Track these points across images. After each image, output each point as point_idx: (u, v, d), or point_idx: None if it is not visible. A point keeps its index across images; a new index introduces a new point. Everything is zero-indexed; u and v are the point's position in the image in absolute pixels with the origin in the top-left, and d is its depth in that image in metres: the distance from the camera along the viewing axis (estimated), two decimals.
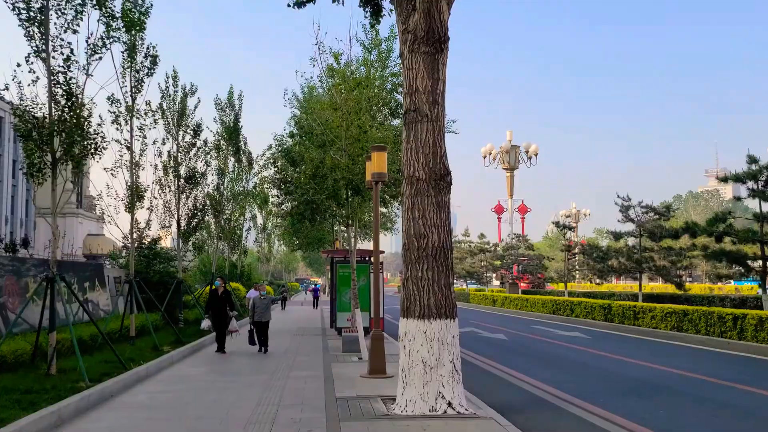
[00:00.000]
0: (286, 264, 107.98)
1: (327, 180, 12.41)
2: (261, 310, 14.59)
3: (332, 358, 13.25)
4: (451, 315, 7.28)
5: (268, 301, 14.76)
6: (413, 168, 7.37)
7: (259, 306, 14.64)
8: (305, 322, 27.29)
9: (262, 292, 15.13)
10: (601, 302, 24.28)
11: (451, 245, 7.33)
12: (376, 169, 9.64)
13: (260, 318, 14.60)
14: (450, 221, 7.42)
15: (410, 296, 7.27)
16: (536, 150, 53.94)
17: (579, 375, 12.00)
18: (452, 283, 7.28)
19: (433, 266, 7.23)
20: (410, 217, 7.32)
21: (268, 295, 15.38)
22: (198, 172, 18.58)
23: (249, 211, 35.55)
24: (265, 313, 14.72)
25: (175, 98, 18.04)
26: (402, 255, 7.37)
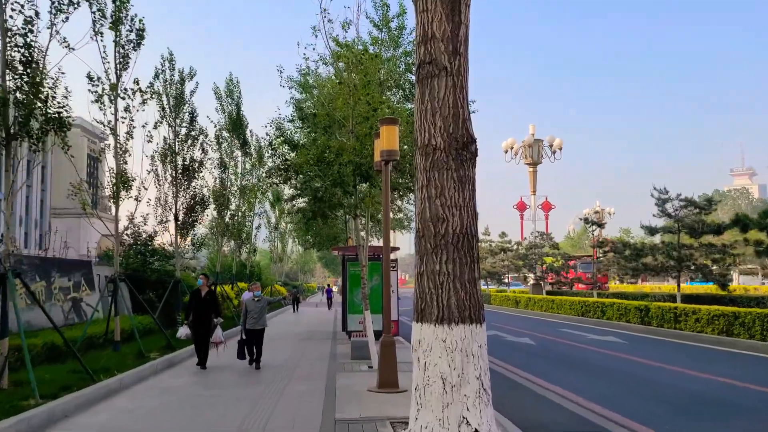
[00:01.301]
0: (301, 265, 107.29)
1: (332, 166, 11.09)
2: (255, 315, 12.32)
3: (339, 366, 11.97)
4: (478, 319, 5.89)
5: (263, 305, 12.51)
6: (429, 135, 6.01)
7: (253, 310, 12.34)
8: (316, 324, 26.10)
9: (255, 293, 12.67)
10: (637, 303, 22.70)
11: (476, 231, 5.95)
12: (386, 146, 8.30)
13: (253, 325, 12.26)
14: (475, 202, 6.04)
15: (425, 295, 5.91)
16: (560, 144, 52.22)
17: (624, 387, 10.57)
18: (478, 279, 5.92)
19: (455, 257, 5.84)
20: (425, 197, 5.95)
21: (264, 296, 13.21)
22: (195, 162, 17.38)
23: (259, 207, 34.43)
24: (260, 320, 12.38)
25: (172, 82, 16.88)
26: (415, 245, 6.02)
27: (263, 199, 33.70)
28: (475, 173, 6.21)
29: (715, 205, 24.13)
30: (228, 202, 23.02)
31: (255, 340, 12.37)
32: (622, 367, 13.06)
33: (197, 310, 12.06)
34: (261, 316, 12.46)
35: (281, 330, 22.80)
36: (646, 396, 9.66)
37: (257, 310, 12.43)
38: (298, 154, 11.77)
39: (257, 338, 12.42)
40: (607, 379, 11.53)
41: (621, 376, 11.77)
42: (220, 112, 22.99)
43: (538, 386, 10.42)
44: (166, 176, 16.79)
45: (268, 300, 13.30)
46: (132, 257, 18.00)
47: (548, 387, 10.28)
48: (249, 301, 12.47)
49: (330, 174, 11.16)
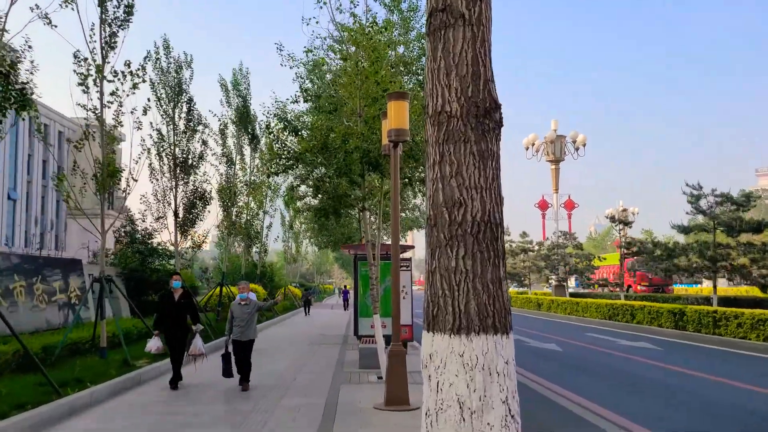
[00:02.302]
0: (317, 266, 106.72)
1: (338, 153, 10.06)
2: (241, 323, 10.20)
3: (345, 376, 10.96)
4: (504, 328, 4.80)
5: (252, 310, 10.35)
6: (442, 99, 4.95)
7: (239, 317, 10.21)
8: (329, 328, 25.17)
9: (240, 296, 10.44)
10: (670, 307, 21.39)
11: (501, 219, 4.88)
12: (395, 124, 7.27)
13: (240, 335, 10.17)
14: (500, 183, 4.98)
15: (438, 298, 4.87)
16: (584, 140, 50.84)
17: (671, 404, 9.44)
18: (504, 278, 4.85)
19: (474, 251, 4.76)
20: (437, 176, 4.90)
21: (255, 300, 11.10)
22: (194, 155, 16.48)
23: (270, 205, 33.51)
24: (248, 329, 10.27)
25: (167, 70, 16.01)
26: (426, 235, 4.96)
27: (274, 196, 32.76)
28: (500, 148, 5.14)
29: (754, 201, 22.72)
30: (235, 198, 22.12)
31: (242, 353, 10.28)
32: (662, 378, 11.89)
33: (170, 317, 10.17)
34: (249, 325, 10.36)
35: (289, 333, 21.89)
36: (699, 416, 8.54)
37: (244, 317, 10.29)
38: (300, 141, 10.74)
39: (244, 352, 10.28)
40: (648, 393, 10.38)
41: (662, 390, 10.61)
42: (225, 105, 22.10)
43: (572, 402, 9.32)
44: (162, 169, 15.90)
45: (259, 305, 10.84)
46: (130, 256, 17.16)
47: (584, 404, 9.18)
48: (235, 306, 10.45)
49: (335, 162, 10.11)
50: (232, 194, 21.87)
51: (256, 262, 35.69)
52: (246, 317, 10.31)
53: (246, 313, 10.35)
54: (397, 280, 8.05)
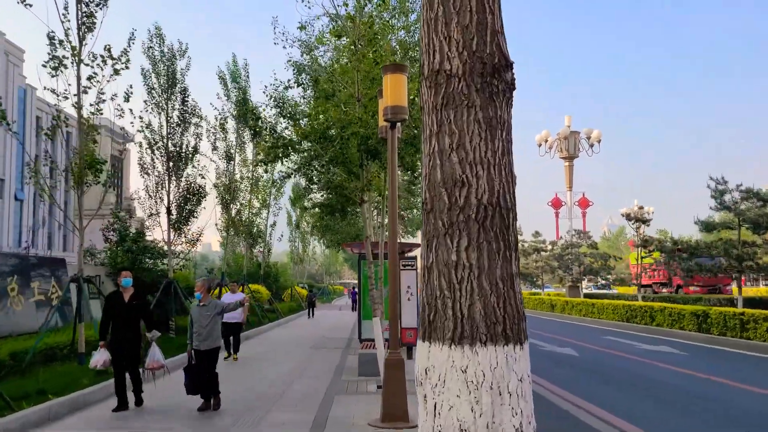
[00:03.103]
0: (326, 266, 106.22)
1: (334, 140, 9.25)
2: (201, 328, 8.65)
3: (342, 385, 10.16)
4: (517, 336, 3.95)
5: (214, 314, 8.77)
6: (440, 55, 4.12)
7: (197, 321, 8.70)
8: (333, 330, 24.40)
9: (197, 296, 8.90)
10: (692, 308, 20.40)
11: (513, 203, 4.06)
12: (392, 101, 6.45)
13: (199, 344, 8.66)
14: (512, 159, 4.15)
15: (435, 300, 4.00)
16: (599, 136, 49.75)
17: (707, 418, 8.52)
18: (517, 275, 4.01)
19: (480, 241, 3.88)
20: (434, 150, 4.07)
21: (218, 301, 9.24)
22: (187, 148, 15.75)
23: (275, 204, 32.81)
24: (209, 337, 8.69)
25: (161, 59, 15.29)
26: (422, 223, 4.10)
27: (278, 194, 32.06)
28: (511, 116, 4.32)
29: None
30: (234, 195, 21.39)
31: (205, 364, 8.68)
32: (693, 387, 10.99)
33: (117, 323, 8.45)
34: (211, 333, 8.74)
35: (291, 336, 21.12)
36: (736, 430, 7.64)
37: (204, 321, 8.70)
38: (294, 127, 9.95)
39: (207, 363, 8.67)
40: (679, 405, 9.50)
41: (695, 401, 9.73)
42: (225, 98, 21.37)
43: (596, 418, 8.43)
44: (154, 163, 15.19)
45: (222, 306, 9.05)
46: (120, 255, 16.45)
47: (608, 419, 8.30)
48: (193, 309, 8.95)
49: (330, 150, 9.30)
50: (231, 191, 21.14)
51: (260, 262, 35.00)
52: (206, 322, 8.71)
53: (206, 317, 8.73)
54: (395, 279, 7.22)
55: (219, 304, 9.08)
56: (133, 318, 8.58)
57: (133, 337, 8.56)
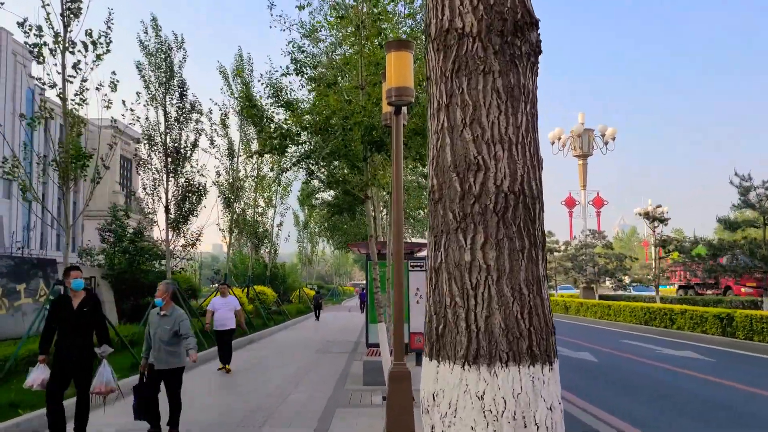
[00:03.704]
0: (336, 267, 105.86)
1: (336, 131, 8.60)
2: (159, 342, 7.29)
3: (345, 396, 9.52)
4: (545, 355, 3.24)
5: (174, 326, 7.31)
6: (450, 10, 3.44)
7: (155, 331, 7.35)
8: (340, 333, 23.79)
9: (157, 302, 7.53)
10: (716, 311, 19.60)
11: (539, 191, 3.36)
12: (396, 82, 5.79)
13: (156, 359, 7.31)
14: (537, 138, 3.49)
15: (444, 309, 3.30)
16: (614, 133, 48.88)
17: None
18: (544, 279, 3.32)
19: (500, 237, 3.17)
20: (443, 126, 3.38)
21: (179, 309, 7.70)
22: (185, 144, 15.18)
23: (281, 203, 32.28)
24: (171, 353, 7.29)
25: (157, 52, 14.74)
26: (429, 215, 3.44)
27: (285, 194, 31.52)
28: (536, 86, 3.66)
29: None
30: (237, 193, 20.81)
31: (167, 386, 7.34)
32: (724, 397, 10.27)
33: (65, 333, 6.90)
34: (172, 347, 7.28)
35: (297, 339, 20.52)
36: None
37: (164, 335, 7.26)
38: (292, 117, 9.29)
39: (167, 384, 7.33)
40: (714, 418, 8.76)
41: (732, 415, 8.99)
42: (227, 94, 20.82)
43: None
44: (152, 159, 14.63)
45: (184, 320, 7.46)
46: (119, 256, 15.91)
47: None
48: (152, 316, 7.55)
49: (332, 141, 8.64)
50: (234, 189, 20.57)
51: (266, 263, 34.48)
52: (166, 336, 7.24)
53: (165, 331, 7.24)
54: (401, 282, 6.56)
55: (180, 320, 7.37)
56: (84, 327, 6.99)
57: (83, 343, 6.93)
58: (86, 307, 7.04)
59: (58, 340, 6.92)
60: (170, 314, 7.41)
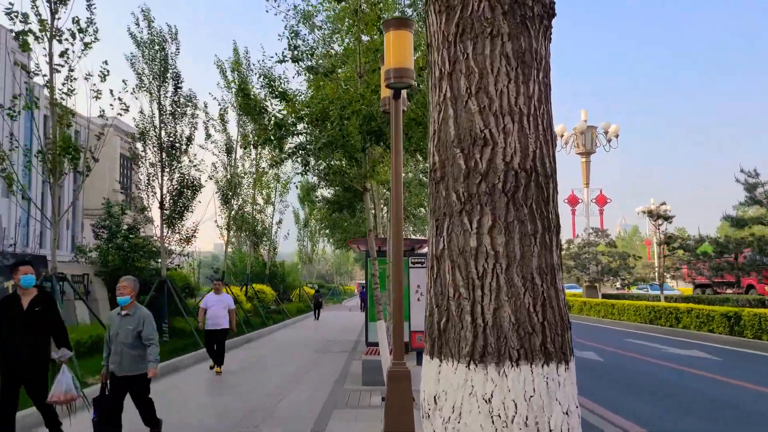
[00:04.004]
0: (337, 266, 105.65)
1: (333, 121, 8.27)
2: (121, 345, 6.39)
3: (343, 396, 9.21)
4: (561, 353, 2.87)
5: (138, 326, 6.45)
6: None
7: (115, 333, 6.48)
8: (340, 332, 23.47)
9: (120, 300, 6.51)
10: (723, 310, 19.26)
11: (553, 169, 3.00)
12: (395, 62, 5.44)
13: (117, 366, 6.41)
14: (551, 110, 3.15)
15: (447, 301, 2.91)
16: (617, 130, 48.54)
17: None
18: (559, 267, 2.95)
19: (510, 220, 2.78)
20: (446, 96, 3.01)
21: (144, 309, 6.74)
22: (180, 138, 14.87)
23: (281, 202, 31.92)
24: (134, 358, 6.42)
25: (150, 44, 14.43)
26: (429, 197, 3.08)
27: (284, 191, 31.16)
28: (549, 52, 3.30)
29: None
30: (235, 189, 20.50)
31: (132, 395, 6.51)
32: (737, 398, 9.92)
33: (14, 332, 6.18)
34: (137, 355, 6.42)
35: (296, 338, 20.22)
36: None
37: (126, 337, 6.39)
38: (287, 107, 8.96)
39: (133, 393, 6.50)
40: (729, 420, 8.44)
41: (746, 416, 8.66)
42: (224, 88, 20.49)
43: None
44: (146, 154, 14.33)
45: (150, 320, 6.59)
46: (113, 253, 15.60)
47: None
48: (113, 317, 6.63)
49: (329, 132, 8.31)
50: (232, 185, 20.26)
51: (265, 261, 34.16)
52: (129, 338, 6.37)
53: (127, 332, 6.37)
54: (400, 277, 6.23)
55: (145, 321, 6.48)
56: (35, 327, 6.22)
57: (35, 343, 6.18)
58: (38, 307, 6.31)
59: (6, 340, 6.15)
60: (133, 314, 6.50)
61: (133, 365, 6.40)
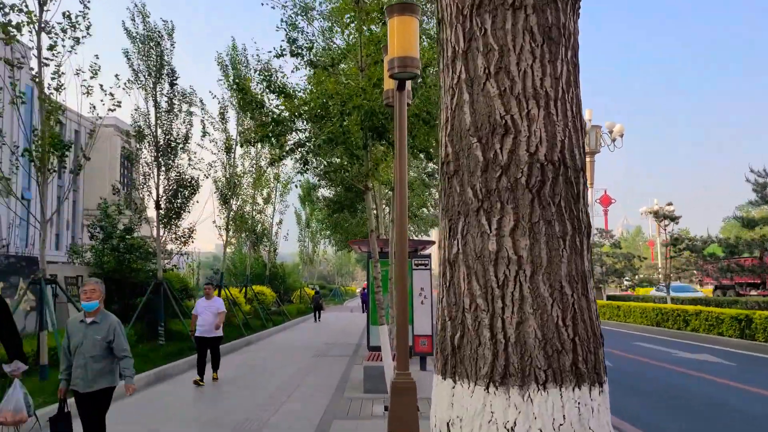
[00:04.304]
0: (338, 267, 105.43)
1: (333, 117, 7.92)
2: (87, 359, 5.56)
3: (343, 406, 8.86)
4: (594, 374, 2.45)
5: (108, 335, 5.64)
6: None
7: (77, 343, 5.61)
8: (341, 334, 23.12)
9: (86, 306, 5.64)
10: (734, 312, 18.88)
11: (582, 161, 2.59)
12: (399, 51, 5.08)
13: (80, 382, 5.58)
14: (580, 93, 2.76)
15: (462, 314, 2.50)
16: (621, 130, 48.02)
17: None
18: (590, 274, 2.54)
19: (535, 220, 2.38)
20: (461, 79, 2.59)
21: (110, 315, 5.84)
22: (177, 136, 14.54)
23: (281, 202, 31.60)
24: (105, 371, 5.63)
25: (146, 39, 14.11)
26: (441, 194, 2.67)
27: (285, 191, 30.83)
28: (578, 28, 2.93)
29: None
30: (235, 189, 20.17)
31: (91, 411, 5.61)
32: (749, 403, 9.57)
33: None
34: (104, 368, 5.57)
35: (295, 341, 19.87)
36: None
37: (93, 349, 5.54)
38: (285, 102, 8.60)
39: (92, 410, 5.60)
40: (745, 430, 8.09)
41: (761, 422, 8.31)
42: (224, 86, 20.13)
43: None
44: (142, 152, 14.01)
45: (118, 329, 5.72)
46: (107, 254, 15.27)
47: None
48: (72, 324, 5.74)
49: (329, 128, 7.95)
50: (231, 185, 19.93)
51: (266, 262, 33.84)
52: (95, 349, 5.53)
53: (93, 342, 5.52)
54: (404, 279, 5.88)
55: (116, 330, 5.65)
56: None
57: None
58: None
59: None
60: (101, 321, 5.60)
61: (99, 379, 5.55)
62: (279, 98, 8.63)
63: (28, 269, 12.62)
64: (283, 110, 8.51)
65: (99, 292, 5.69)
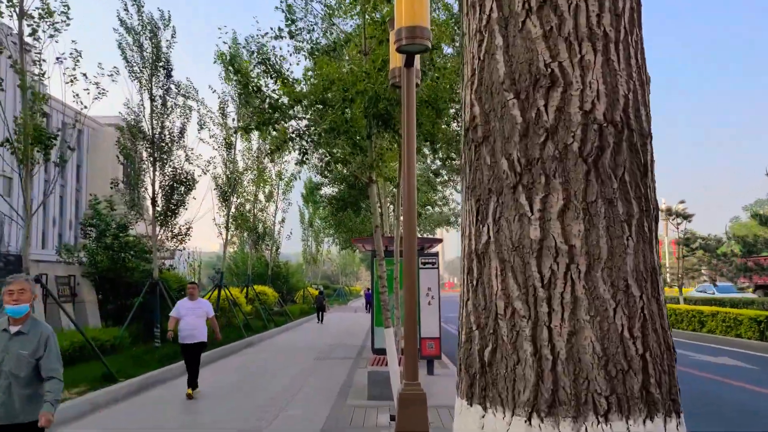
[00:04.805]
0: (342, 267, 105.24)
1: (335, 104, 7.40)
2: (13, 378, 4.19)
3: (346, 414, 8.32)
4: (669, 398, 1.79)
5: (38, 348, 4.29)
6: None
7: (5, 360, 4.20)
8: (345, 336, 22.62)
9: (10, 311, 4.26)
10: (753, 313, 18.28)
11: (650, 123, 1.97)
12: (408, 21, 4.55)
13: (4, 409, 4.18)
14: (643, 42, 2.17)
15: (491, 322, 1.86)
16: None
17: None
18: (658, 271, 1.91)
19: (591, 199, 1.70)
20: (490, 20, 1.97)
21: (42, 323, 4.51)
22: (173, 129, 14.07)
23: (284, 199, 31.14)
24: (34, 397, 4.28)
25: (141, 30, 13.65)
26: (463, 168, 2.02)
27: (287, 188, 30.37)
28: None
29: None
30: (235, 187, 19.69)
31: None
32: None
33: None
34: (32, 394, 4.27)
35: (297, 343, 19.38)
36: None
37: (19, 367, 4.21)
38: (283, 88, 8.06)
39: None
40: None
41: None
42: (224, 81, 19.67)
43: None
44: (136, 148, 13.54)
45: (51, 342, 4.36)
46: (101, 253, 14.80)
47: None
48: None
49: (330, 116, 7.42)
50: (231, 182, 19.45)
51: (268, 261, 33.37)
52: (21, 366, 4.24)
53: (19, 359, 4.24)
54: (412, 278, 5.35)
55: (48, 343, 4.34)
56: None
57: None
58: None
59: None
60: (28, 332, 4.32)
61: (27, 408, 4.24)
62: (276, 83, 8.12)
63: (14, 266, 12.16)
64: (281, 95, 8.00)
65: (29, 294, 4.33)
